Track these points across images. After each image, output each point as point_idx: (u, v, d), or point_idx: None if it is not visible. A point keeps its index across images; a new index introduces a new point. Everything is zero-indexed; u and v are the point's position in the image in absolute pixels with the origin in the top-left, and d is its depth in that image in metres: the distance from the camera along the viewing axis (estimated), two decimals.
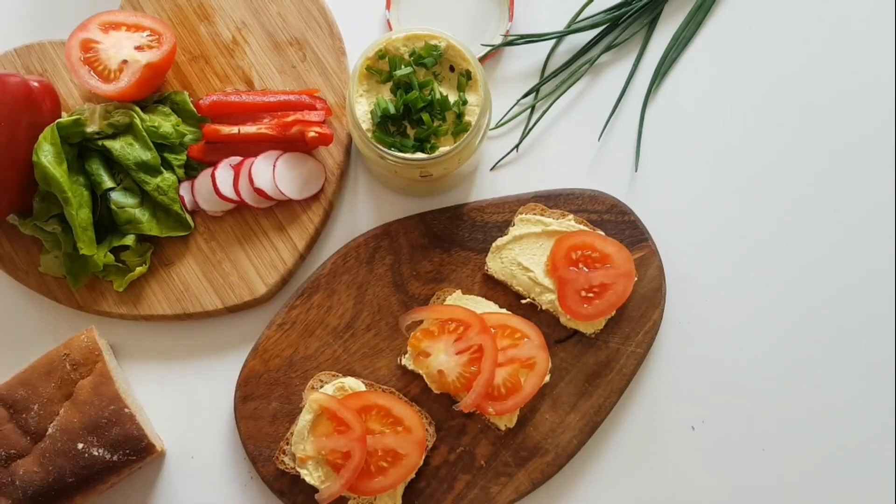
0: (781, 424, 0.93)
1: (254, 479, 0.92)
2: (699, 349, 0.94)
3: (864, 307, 0.95)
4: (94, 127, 0.91)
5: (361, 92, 0.84)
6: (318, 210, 0.94)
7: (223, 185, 0.91)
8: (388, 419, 0.86)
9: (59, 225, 0.90)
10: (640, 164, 0.97)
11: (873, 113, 0.98)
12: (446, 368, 0.87)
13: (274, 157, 0.92)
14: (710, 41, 1.00)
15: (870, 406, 0.93)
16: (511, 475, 0.89)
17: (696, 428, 0.93)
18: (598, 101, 0.99)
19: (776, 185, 0.97)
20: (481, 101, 0.84)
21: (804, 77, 0.99)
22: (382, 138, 0.83)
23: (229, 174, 0.91)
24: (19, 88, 0.87)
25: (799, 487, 0.92)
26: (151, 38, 0.92)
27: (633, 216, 0.93)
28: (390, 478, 0.85)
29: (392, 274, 0.93)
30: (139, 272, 0.92)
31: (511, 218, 0.93)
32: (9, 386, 0.87)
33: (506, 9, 0.98)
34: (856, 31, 1.00)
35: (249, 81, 0.96)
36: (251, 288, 0.93)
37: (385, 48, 0.84)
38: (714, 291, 0.95)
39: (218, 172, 0.91)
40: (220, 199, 0.91)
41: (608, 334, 0.91)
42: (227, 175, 0.91)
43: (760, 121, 0.98)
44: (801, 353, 0.94)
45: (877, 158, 0.97)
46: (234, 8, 0.97)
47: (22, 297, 0.95)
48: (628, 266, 0.89)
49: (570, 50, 1.00)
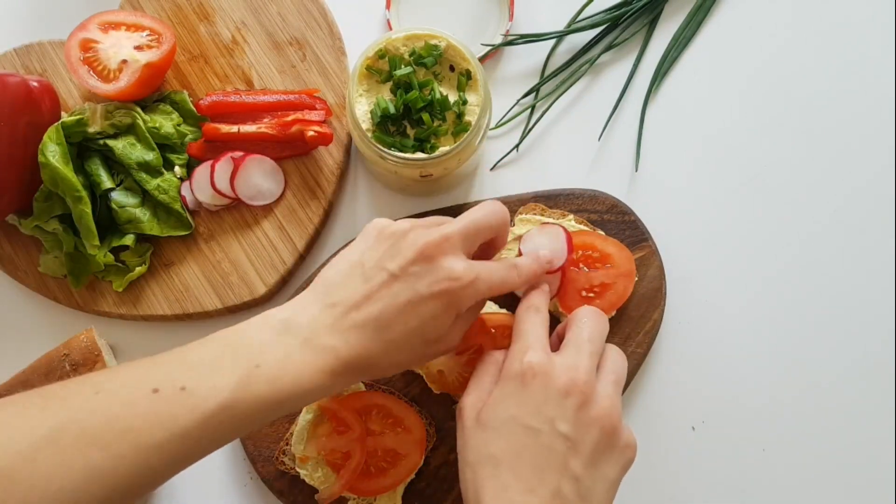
0: (782, 424, 0.93)
1: (253, 480, 0.92)
2: (699, 349, 0.94)
3: (865, 307, 0.95)
4: (96, 127, 0.91)
5: (361, 92, 0.84)
6: (318, 210, 0.94)
7: (220, 179, 0.91)
8: (388, 419, 0.86)
9: (60, 225, 0.90)
10: (640, 164, 0.97)
11: (875, 113, 0.98)
12: (446, 368, 0.87)
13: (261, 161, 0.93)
14: (710, 41, 1.00)
15: (870, 406, 0.93)
16: None
17: (696, 428, 0.93)
18: (598, 101, 0.99)
19: (777, 185, 0.97)
20: (481, 100, 0.84)
21: (805, 77, 0.99)
22: (382, 138, 0.83)
23: (229, 167, 0.91)
24: (19, 88, 0.87)
25: (799, 487, 0.92)
26: (151, 38, 0.92)
27: (634, 216, 0.93)
28: (390, 478, 0.85)
29: None
30: (139, 272, 0.92)
31: (511, 218, 0.93)
32: (9, 386, 0.87)
33: (506, 9, 0.98)
34: (857, 31, 1.00)
35: (249, 81, 0.96)
36: (251, 288, 0.93)
37: (385, 48, 0.84)
38: (715, 291, 0.95)
39: (219, 165, 0.91)
40: (216, 193, 0.91)
41: (608, 334, 0.91)
42: (226, 168, 0.91)
43: (761, 120, 0.98)
44: (802, 354, 0.94)
45: (878, 158, 0.97)
46: (234, 8, 0.97)
47: (22, 297, 0.95)
48: (629, 266, 0.89)
49: (570, 50, 1.00)
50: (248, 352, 0.67)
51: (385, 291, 0.70)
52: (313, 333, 0.69)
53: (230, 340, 0.68)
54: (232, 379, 0.65)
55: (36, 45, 0.96)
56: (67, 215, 0.90)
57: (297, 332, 0.69)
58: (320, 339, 0.68)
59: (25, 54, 0.96)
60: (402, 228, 0.73)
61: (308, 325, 0.69)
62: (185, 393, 0.63)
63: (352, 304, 0.70)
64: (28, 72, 0.96)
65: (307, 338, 0.68)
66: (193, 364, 0.66)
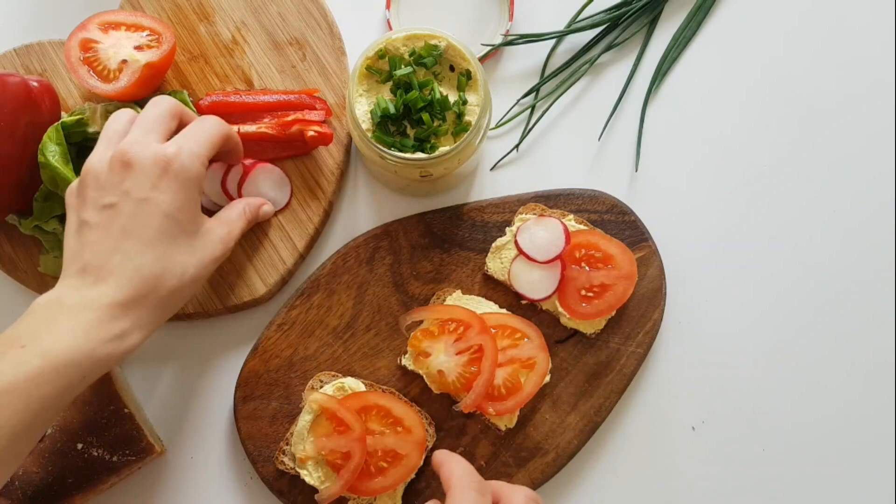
0: (782, 424, 0.93)
1: (253, 480, 0.92)
2: (699, 349, 0.94)
3: (866, 308, 0.95)
4: (96, 127, 0.91)
5: (361, 92, 0.84)
6: (318, 210, 0.94)
7: (231, 181, 0.91)
8: (388, 419, 0.86)
9: (60, 225, 0.90)
10: (640, 164, 0.97)
11: (876, 114, 0.98)
12: (446, 369, 0.87)
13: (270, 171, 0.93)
14: (711, 41, 1.00)
15: (870, 406, 0.93)
16: (511, 475, 0.89)
17: (696, 428, 0.93)
18: (598, 101, 0.99)
19: (777, 185, 0.97)
20: (481, 100, 0.84)
21: (805, 77, 0.99)
22: (382, 138, 0.83)
23: (239, 171, 0.91)
24: (19, 88, 0.87)
25: (799, 487, 0.92)
26: (151, 38, 0.92)
27: (634, 216, 0.93)
28: (390, 478, 0.85)
29: (392, 274, 0.93)
30: None
31: (511, 218, 0.93)
32: None
33: (506, 9, 0.98)
34: (857, 32, 1.00)
35: (249, 81, 0.96)
36: (251, 288, 0.93)
37: (385, 48, 0.84)
38: (715, 291, 0.95)
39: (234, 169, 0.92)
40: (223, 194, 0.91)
41: (608, 334, 0.91)
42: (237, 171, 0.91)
43: (761, 121, 0.98)
44: (802, 353, 0.94)
45: (879, 160, 0.97)
46: (234, 8, 0.97)
47: (22, 297, 0.95)
48: (630, 268, 0.89)
49: (570, 50, 1.00)
50: (15, 338, 0.70)
51: (112, 220, 0.74)
52: (81, 296, 0.72)
53: (6, 335, 0.71)
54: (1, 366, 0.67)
55: (36, 45, 0.96)
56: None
57: (68, 301, 0.72)
58: (90, 296, 0.72)
59: (25, 54, 0.96)
60: (92, 174, 0.77)
61: (73, 289, 0.72)
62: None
63: (92, 252, 0.74)
64: (28, 72, 0.96)
65: (76, 303, 0.71)
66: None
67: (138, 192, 0.74)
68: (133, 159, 0.75)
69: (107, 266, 0.73)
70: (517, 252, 0.90)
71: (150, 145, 0.77)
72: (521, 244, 0.89)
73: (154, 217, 0.74)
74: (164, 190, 0.75)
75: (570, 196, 0.94)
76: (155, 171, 0.75)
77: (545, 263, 0.89)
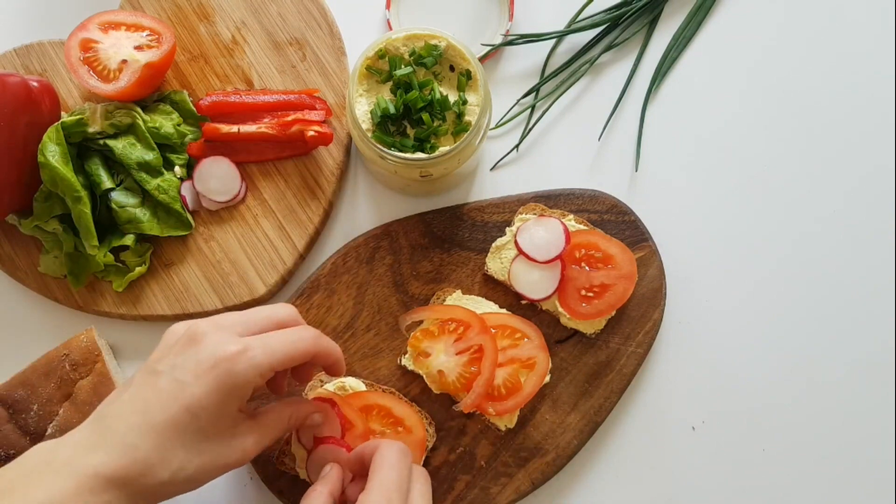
0: (781, 424, 0.93)
1: (253, 480, 0.92)
2: (699, 349, 0.94)
3: (865, 307, 0.95)
4: (96, 127, 0.91)
5: (361, 92, 0.84)
6: (318, 210, 0.94)
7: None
8: (388, 419, 0.86)
9: (60, 225, 0.90)
10: (640, 164, 0.97)
11: (874, 112, 0.98)
12: (446, 369, 0.87)
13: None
14: (710, 41, 1.00)
15: (870, 406, 0.93)
16: (511, 475, 0.89)
17: (697, 428, 0.93)
18: (598, 101, 0.99)
19: (777, 185, 0.97)
20: (481, 100, 0.84)
21: (805, 77, 0.99)
22: (382, 138, 0.83)
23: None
24: (19, 88, 0.87)
25: (799, 487, 0.92)
26: (151, 38, 0.92)
27: (634, 216, 0.93)
28: None
29: (392, 274, 0.93)
30: (138, 272, 0.91)
31: (511, 218, 0.93)
32: (8, 386, 0.87)
33: (506, 9, 0.98)
34: (857, 31, 1.00)
35: (249, 81, 0.96)
36: (251, 288, 0.93)
37: (385, 48, 0.84)
38: (715, 291, 0.95)
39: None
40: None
41: (608, 334, 0.91)
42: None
43: (761, 120, 0.98)
44: (802, 353, 0.94)
45: (878, 157, 0.97)
46: (234, 8, 0.97)
47: (22, 297, 0.95)
48: (630, 269, 0.89)
49: (570, 50, 1.00)
50: (6, 484, 0.65)
51: (148, 388, 0.69)
52: (74, 455, 0.66)
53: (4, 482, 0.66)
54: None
55: (36, 45, 0.96)
56: (67, 215, 0.90)
57: (60, 457, 0.67)
58: (80, 458, 0.66)
59: (25, 54, 0.96)
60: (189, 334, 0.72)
61: (71, 446, 0.67)
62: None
63: (115, 409, 0.69)
64: (28, 72, 0.96)
65: (66, 461, 0.66)
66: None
67: (181, 373, 0.69)
68: (199, 341, 0.71)
69: (112, 429, 0.68)
70: (517, 252, 0.90)
71: (224, 335, 0.71)
72: (521, 244, 0.89)
73: (175, 404, 0.68)
74: (201, 385, 0.69)
75: (570, 196, 0.94)
76: (207, 361, 0.69)
77: (545, 263, 0.89)
